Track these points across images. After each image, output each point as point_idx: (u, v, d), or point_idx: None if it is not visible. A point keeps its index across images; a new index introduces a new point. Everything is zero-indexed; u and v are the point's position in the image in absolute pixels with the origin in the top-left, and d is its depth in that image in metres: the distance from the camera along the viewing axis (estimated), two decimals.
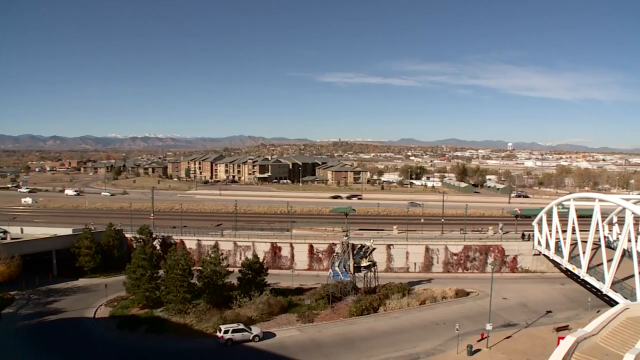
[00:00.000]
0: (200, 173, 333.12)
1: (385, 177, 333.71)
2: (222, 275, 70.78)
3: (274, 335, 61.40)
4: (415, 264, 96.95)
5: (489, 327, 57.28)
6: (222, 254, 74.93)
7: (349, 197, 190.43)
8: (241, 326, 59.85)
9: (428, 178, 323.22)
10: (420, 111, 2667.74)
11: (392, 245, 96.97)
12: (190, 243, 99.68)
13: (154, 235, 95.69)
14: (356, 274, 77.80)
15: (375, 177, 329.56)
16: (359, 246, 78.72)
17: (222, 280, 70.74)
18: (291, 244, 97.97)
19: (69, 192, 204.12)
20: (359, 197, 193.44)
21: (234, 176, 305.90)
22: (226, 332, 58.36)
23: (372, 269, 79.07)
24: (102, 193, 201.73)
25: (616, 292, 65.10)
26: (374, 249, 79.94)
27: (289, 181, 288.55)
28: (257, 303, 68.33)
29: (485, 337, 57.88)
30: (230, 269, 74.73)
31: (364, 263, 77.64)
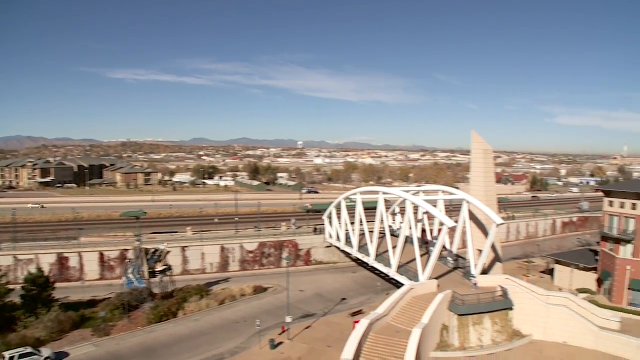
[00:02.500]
0: None
1: (178, 177, 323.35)
2: (2, 295, 63.02)
3: (67, 354, 55.56)
4: (211, 264, 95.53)
5: (289, 319, 58.68)
6: (0, 270, 67.48)
7: None
8: (29, 350, 53.35)
9: (221, 177, 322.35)
10: (212, 110, 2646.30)
11: (187, 247, 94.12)
12: None
13: None
14: (152, 280, 74.45)
15: (167, 178, 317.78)
16: (152, 250, 76.17)
17: (2, 300, 63.00)
18: (80, 253, 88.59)
19: None
20: None
21: (11, 181, 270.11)
22: (11, 358, 51.79)
23: (168, 273, 76.84)
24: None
25: (402, 275, 71.81)
26: (168, 252, 78.18)
27: (75, 185, 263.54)
28: (46, 321, 61.92)
29: (287, 330, 59.11)
30: (12, 287, 67.14)
31: (159, 267, 75.21)
